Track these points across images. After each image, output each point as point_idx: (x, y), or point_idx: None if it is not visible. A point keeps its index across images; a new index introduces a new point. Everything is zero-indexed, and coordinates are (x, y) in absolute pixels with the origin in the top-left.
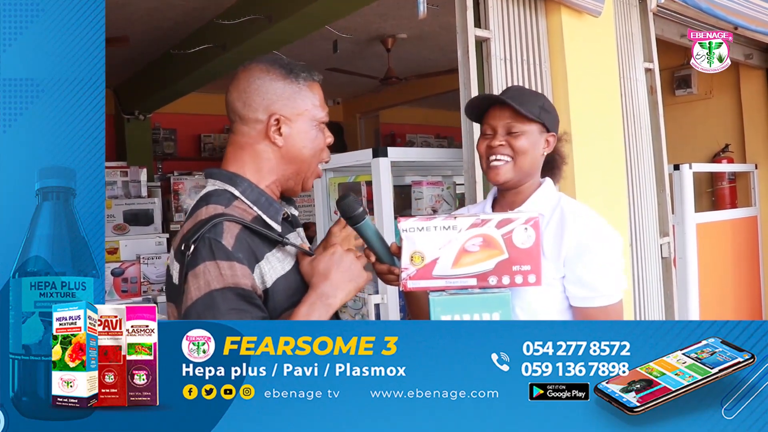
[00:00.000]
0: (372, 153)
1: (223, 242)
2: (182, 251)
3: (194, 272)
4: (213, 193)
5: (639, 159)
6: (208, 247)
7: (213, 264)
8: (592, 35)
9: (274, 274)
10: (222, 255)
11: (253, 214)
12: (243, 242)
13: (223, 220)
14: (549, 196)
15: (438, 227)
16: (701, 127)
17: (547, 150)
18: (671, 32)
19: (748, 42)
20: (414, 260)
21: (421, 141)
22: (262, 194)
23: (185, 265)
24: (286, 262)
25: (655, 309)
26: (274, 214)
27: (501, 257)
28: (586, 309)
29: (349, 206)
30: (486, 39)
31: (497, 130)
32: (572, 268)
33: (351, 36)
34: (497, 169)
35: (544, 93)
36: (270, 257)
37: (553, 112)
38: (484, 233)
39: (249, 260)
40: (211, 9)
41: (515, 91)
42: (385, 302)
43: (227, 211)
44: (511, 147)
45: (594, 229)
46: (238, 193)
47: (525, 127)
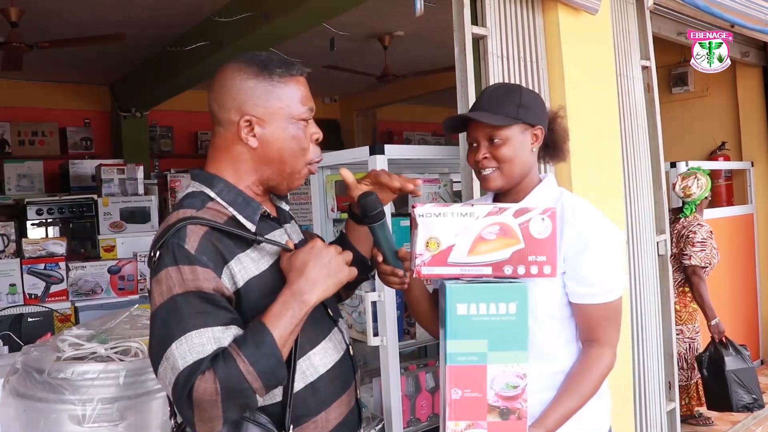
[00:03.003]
0: (369, 150)
1: (185, 246)
2: (151, 257)
3: (157, 278)
4: (189, 195)
5: (635, 156)
6: (171, 252)
7: (175, 269)
8: (589, 33)
9: (246, 274)
10: (184, 259)
11: (228, 214)
12: (208, 244)
13: (187, 224)
14: (550, 191)
15: (455, 213)
16: (698, 124)
17: (536, 144)
18: (668, 30)
19: (744, 40)
20: (429, 246)
21: (418, 138)
22: (239, 194)
23: (151, 271)
24: (261, 261)
25: (651, 306)
26: (250, 214)
27: (517, 246)
28: (585, 306)
29: (371, 204)
30: (483, 36)
31: (480, 141)
32: (572, 265)
33: (348, 33)
34: (487, 179)
35: (540, 90)
36: (242, 257)
37: (533, 105)
38: (501, 222)
39: (215, 262)
40: (207, 6)
41: (488, 98)
42: (382, 299)
43: (198, 214)
44: (495, 158)
45: (595, 225)
46: (213, 195)
47: (505, 133)
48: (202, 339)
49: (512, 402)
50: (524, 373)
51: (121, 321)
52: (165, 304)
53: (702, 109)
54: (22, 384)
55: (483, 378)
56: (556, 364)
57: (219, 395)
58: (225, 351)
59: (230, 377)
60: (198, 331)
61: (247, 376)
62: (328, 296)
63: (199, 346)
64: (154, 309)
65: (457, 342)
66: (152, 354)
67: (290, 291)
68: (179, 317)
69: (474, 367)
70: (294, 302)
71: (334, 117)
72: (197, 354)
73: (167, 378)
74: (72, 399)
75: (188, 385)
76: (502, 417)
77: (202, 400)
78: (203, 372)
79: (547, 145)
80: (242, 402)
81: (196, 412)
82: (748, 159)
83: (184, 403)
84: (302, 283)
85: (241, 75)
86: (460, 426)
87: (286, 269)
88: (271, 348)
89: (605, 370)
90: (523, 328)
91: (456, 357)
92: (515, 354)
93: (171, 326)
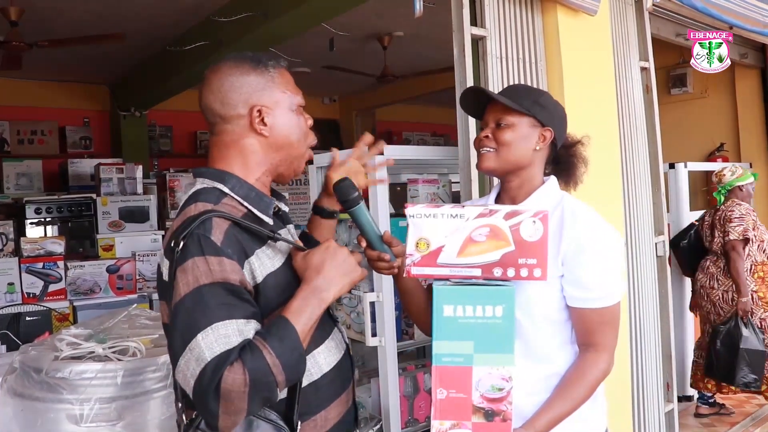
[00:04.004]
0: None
1: (212, 238)
2: (171, 248)
3: (183, 268)
4: (202, 191)
5: (634, 157)
6: (197, 242)
7: (202, 259)
8: (587, 34)
9: (264, 270)
10: (211, 250)
11: (243, 210)
12: (232, 238)
13: (212, 216)
14: (551, 194)
15: (445, 215)
16: (696, 125)
17: (542, 145)
18: (667, 31)
19: (743, 41)
20: (419, 246)
21: (417, 139)
22: (251, 189)
23: (174, 261)
24: (276, 258)
25: (649, 307)
26: (265, 208)
27: (507, 249)
28: (583, 310)
29: (346, 190)
30: (482, 37)
31: (489, 123)
32: (570, 269)
33: (347, 34)
34: (482, 158)
35: None
36: (260, 253)
37: (549, 108)
38: (491, 223)
39: (239, 256)
40: (207, 6)
41: (511, 88)
42: (381, 300)
43: (216, 208)
44: (495, 138)
45: (594, 229)
46: (227, 190)
47: (513, 120)
48: (227, 330)
49: (497, 404)
50: (510, 375)
51: (120, 320)
52: (191, 294)
53: (701, 110)
54: (19, 383)
55: (468, 379)
56: (551, 366)
57: (248, 387)
58: (251, 343)
59: (258, 369)
60: (223, 322)
61: (273, 369)
62: (342, 294)
63: (225, 338)
64: (179, 299)
65: (443, 343)
66: (174, 345)
67: (309, 288)
68: (205, 308)
69: (459, 368)
70: (313, 299)
71: (334, 117)
72: (224, 345)
73: (190, 370)
74: (70, 398)
75: (216, 376)
76: (486, 418)
77: (231, 391)
78: (231, 363)
79: (559, 164)
80: (267, 395)
81: (222, 404)
82: (746, 160)
83: (211, 395)
84: (320, 281)
85: (239, 71)
86: (445, 425)
87: (302, 268)
88: (295, 342)
89: (601, 375)
90: (509, 332)
91: (441, 357)
92: (501, 357)
93: (197, 317)
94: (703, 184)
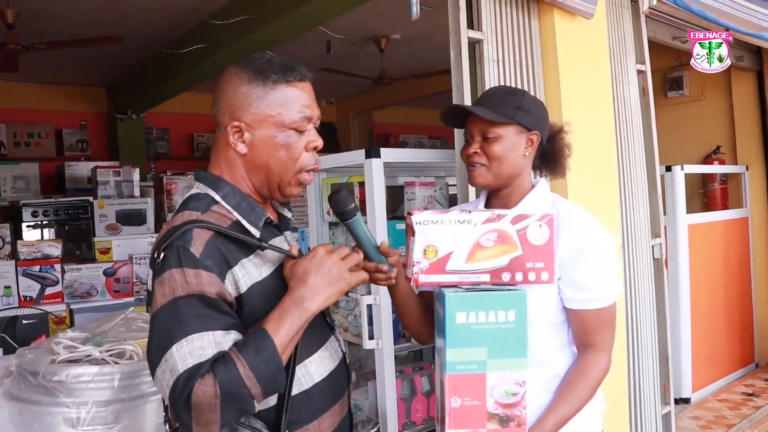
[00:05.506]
0: (365, 154)
1: (191, 249)
2: (154, 258)
3: (160, 279)
4: (194, 197)
5: (631, 160)
6: (176, 254)
7: (179, 271)
8: (584, 37)
9: (250, 279)
10: (189, 262)
11: (232, 219)
12: (213, 249)
13: (193, 227)
14: (543, 198)
15: (453, 221)
16: (693, 128)
17: (530, 149)
18: (663, 34)
19: (739, 44)
20: (427, 254)
21: (414, 141)
22: (244, 199)
23: (155, 272)
24: (264, 268)
25: (646, 310)
26: (254, 220)
27: (515, 253)
28: (581, 311)
29: (342, 201)
30: (479, 40)
31: (474, 136)
32: (568, 271)
33: (344, 36)
34: (474, 175)
35: (536, 94)
36: (246, 263)
37: (533, 111)
38: (499, 228)
39: (220, 267)
40: (204, 8)
41: (490, 95)
42: (378, 303)
43: (203, 217)
44: (485, 153)
45: (590, 231)
46: (218, 198)
47: (499, 131)
48: (203, 342)
49: (512, 409)
50: (523, 380)
51: (116, 324)
52: (166, 305)
53: (697, 112)
54: (16, 387)
55: (483, 386)
56: (550, 368)
57: (218, 399)
58: (225, 355)
59: (230, 381)
60: (199, 334)
61: (247, 381)
62: (329, 304)
63: (199, 350)
64: (155, 310)
65: (456, 351)
66: (151, 356)
67: (291, 298)
68: (180, 319)
69: (474, 375)
70: (295, 310)
71: (331, 120)
72: (197, 357)
73: (165, 380)
74: (66, 402)
75: (187, 388)
76: (501, 424)
77: (200, 404)
78: (203, 375)
79: (545, 157)
80: (240, 407)
81: (193, 416)
82: (743, 163)
83: (182, 406)
84: (303, 291)
85: (236, 80)
86: None
87: (289, 277)
88: (272, 354)
89: (601, 374)
90: (522, 335)
91: (455, 365)
92: (515, 361)
93: (172, 328)
94: (699, 187)
